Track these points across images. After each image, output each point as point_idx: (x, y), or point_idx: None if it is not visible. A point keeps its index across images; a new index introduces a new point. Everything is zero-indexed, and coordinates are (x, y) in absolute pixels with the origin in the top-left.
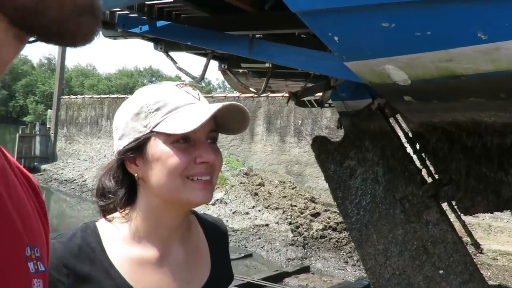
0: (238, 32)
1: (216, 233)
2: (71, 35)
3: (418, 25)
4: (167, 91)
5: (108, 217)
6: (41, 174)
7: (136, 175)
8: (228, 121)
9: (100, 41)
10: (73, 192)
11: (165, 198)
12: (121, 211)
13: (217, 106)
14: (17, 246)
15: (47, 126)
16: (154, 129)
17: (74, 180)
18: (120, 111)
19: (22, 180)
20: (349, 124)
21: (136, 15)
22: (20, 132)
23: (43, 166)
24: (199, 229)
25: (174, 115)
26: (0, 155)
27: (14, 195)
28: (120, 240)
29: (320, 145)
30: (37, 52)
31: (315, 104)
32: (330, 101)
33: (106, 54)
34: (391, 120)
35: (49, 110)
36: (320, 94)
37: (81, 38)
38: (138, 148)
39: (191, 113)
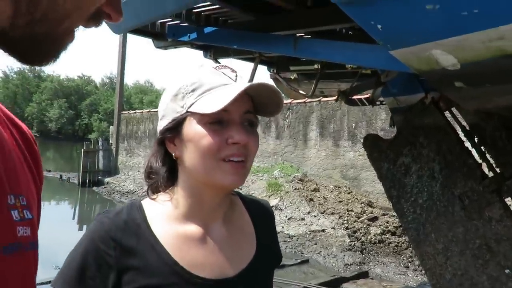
0: (283, 32)
1: (260, 213)
2: (26, 56)
3: (464, 4)
4: (204, 72)
5: (152, 196)
6: (104, 187)
7: (174, 154)
8: (265, 103)
9: (156, 58)
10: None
11: (199, 178)
12: (165, 190)
13: (246, 85)
14: None
15: (110, 141)
16: (189, 110)
17: (135, 191)
18: (163, 93)
19: (10, 130)
20: (401, 120)
21: (185, 24)
22: (84, 148)
23: (107, 179)
24: (243, 209)
25: (208, 95)
26: None
27: (2, 143)
28: (164, 217)
29: (372, 144)
30: (99, 72)
31: (366, 103)
32: (381, 98)
33: (161, 70)
34: (447, 114)
35: (111, 126)
36: (371, 92)
37: (40, 60)
38: (175, 128)
39: (223, 93)
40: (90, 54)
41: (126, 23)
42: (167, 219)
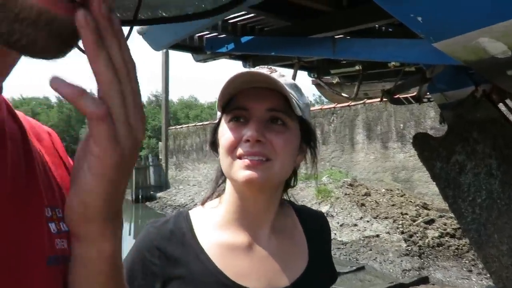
0: (320, 35)
1: (315, 225)
2: (21, 45)
3: None
4: (238, 73)
5: (202, 204)
6: (157, 202)
7: (218, 157)
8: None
9: (196, 73)
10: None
11: (228, 178)
12: (218, 196)
13: (236, 74)
14: (36, 207)
15: (159, 157)
16: (218, 110)
17: (186, 204)
18: None
19: (39, 141)
20: (452, 116)
21: (222, 35)
22: (136, 164)
23: (158, 194)
24: (295, 219)
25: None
26: (16, 120)
27: (35, 157)
28: (211, 225)
29: (422, 142)
30: (145, 91)
31: (412, 101)
32: (428, 95)
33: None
34: (500, 106)
35: (159, 142)
36: (417, 89)
37: (32, 51)
38: (215, 130)
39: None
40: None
41: (165, 40)
42: (213, 228)
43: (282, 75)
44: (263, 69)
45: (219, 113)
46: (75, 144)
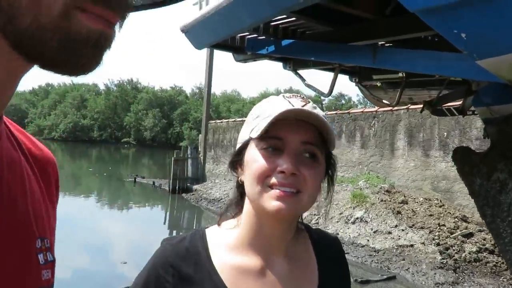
0: (361, 43)
1: (328, 250)
2: (71, 66)
3: None
4: (271, 100)
5: (219, 223)
6: (192, 194)
7: (239, 178)
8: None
9: (241, 68)
10: (219, 210)
11: (252, 204)
12: (234, 216)
13: (282, 110)
14: (28, 240)
15: (199, 149)
16: (250, 135)
17: (221, 199)
18: None
19: (35, 170)
20: (496, 132)
21: (263, 37)
22: (175, 156)
23: (195, 187)
24: (308, 244)
25: (264, 120)
26: (16, 150)
27: (28, 188)
28: (225, 246)
29: (463, 157)
30: (190, 83)
31: (456, 113)
32: (472, 108)
33: (247, 79)
34: None
35: (200, 135)
36: (461, 100)
37: (80, 69)
38: (239, 153)
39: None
40: (181, 66)
41: (207, 39)
42: (227, 249)
43: (315, 106)
44: (297, 99)
45: (245, 135)
46: (119, 131)
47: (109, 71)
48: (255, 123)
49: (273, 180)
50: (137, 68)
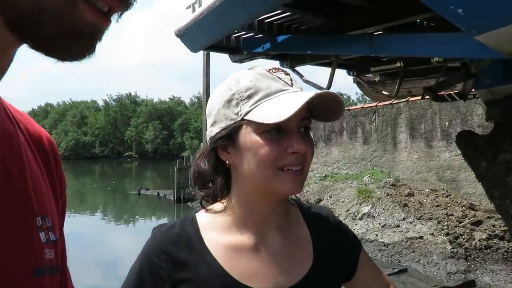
0: (357, 32)
1: (320, 222)
2: (61, 52)
3: None
4: (259, 77)
5: (207, 208)
6: (198, 202)
7: (227, 162)
8: (322, 109)
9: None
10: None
11: (257, 187)
12: (221, 199)
13: (310, 94)
14: (28, 216)
15: None
16: (245, 117)
17: None
18: (213, 96)
19: (33, 147)
20: (499, 113)
21: (258, 35)
22: (177, 165)
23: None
24: (300, 218)
25: (265, 103)
26: (14, 124)
27: (27, 165)
28: (217, 228)
29: (467, 141)
30: (188, 93)
31: (457, 98)
32: (473, 92)
33: None
34: None
35: (202, 144)
36: (461, 86)
37: (70, 56)
38: (229, 136)
39: (283, 101)
40: (178, 77)
41: (202, 41)
42: (219, 230)
43: (295, 79)
44: (282, 74)
45: (235, 117)
46: (121, 146)
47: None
48: (249, 105)
49: (284, 162)
50: (135, 82)
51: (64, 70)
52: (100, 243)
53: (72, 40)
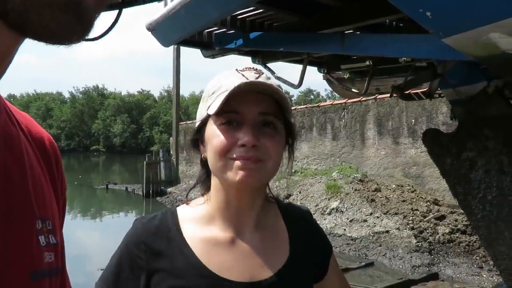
0: (330, 30)
1: (297, 219)
2: (47, 30)
3: None
4: (225, 75)
5: (189, 201)
6: (167, 197)
7: (203, 156)
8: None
9: (209, 69)
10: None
11: (217, 178)
12: (204, 193)
13: (236, 84)
14: (27, 219)
15: (171, 152)
16: (208, 111)
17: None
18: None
19: (35, 149)
20: (463, 112)
21: (231, 31)
22: (146, 160)
23: (169, 189)
24: (278, 215)
25: (220, 96)
26: (15, 125)
27: (28, 166)
28: (196, 221)
29: (432, 139)
30: (157, 86)
31: (423, 96)
32: (439, 91)
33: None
34: None
35: (171, 138)
36: (428, 85)
37: (60, 36)
38: (199, 130)
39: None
40: (147, 71)
41: (174, 35)
42: (198, 223)
43: (269, 77)
44: (250, 72)
45: (203, 112)
46: (88, 139)
47: (73, 80)
48: (211, 100)
49: (235, 154)
50: (102, 75)
51: (28, 59)
52: (66, 238)
53: (51, 14)
